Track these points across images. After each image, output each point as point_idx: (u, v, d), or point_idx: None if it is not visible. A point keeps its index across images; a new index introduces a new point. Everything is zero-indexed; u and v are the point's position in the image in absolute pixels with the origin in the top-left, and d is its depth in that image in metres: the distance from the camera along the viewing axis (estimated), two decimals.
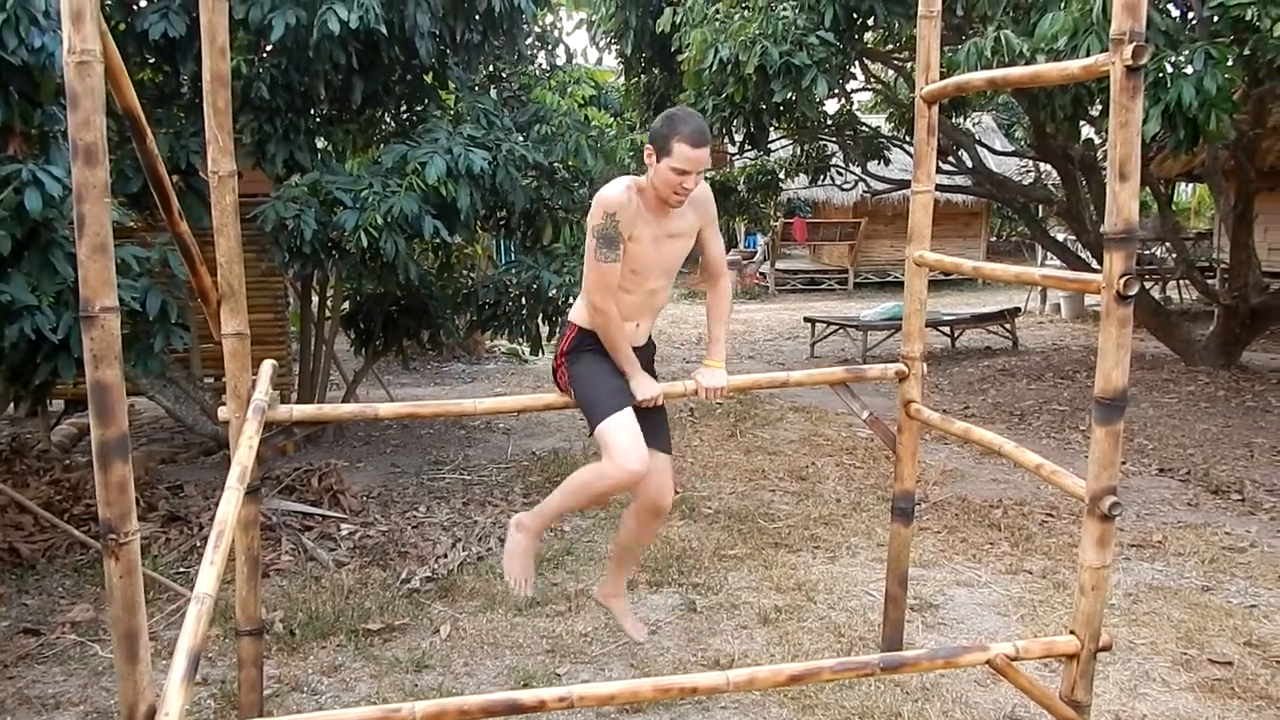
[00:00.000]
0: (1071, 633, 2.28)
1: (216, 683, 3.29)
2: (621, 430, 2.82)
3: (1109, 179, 2.08)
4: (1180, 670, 3.31)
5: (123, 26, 4.65)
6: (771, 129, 8.01)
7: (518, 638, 3.63)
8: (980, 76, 3.00)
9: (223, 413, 2.67)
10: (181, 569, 4.27)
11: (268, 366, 2.78)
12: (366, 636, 3.62)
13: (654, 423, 3.04)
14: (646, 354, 3.13)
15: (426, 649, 3.54)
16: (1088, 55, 4.30)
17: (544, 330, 6.21)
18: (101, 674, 3.35)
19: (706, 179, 11.02)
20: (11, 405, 4.85)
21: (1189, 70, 5.06)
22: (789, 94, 6.48)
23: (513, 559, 3.10)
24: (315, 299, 6.59)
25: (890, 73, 10.71)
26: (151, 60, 5.15)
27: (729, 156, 12.47)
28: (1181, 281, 12.76)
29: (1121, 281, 2.07)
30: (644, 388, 2.93)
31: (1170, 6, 5.72)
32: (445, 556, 4.40)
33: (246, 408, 2.60)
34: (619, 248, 2.83)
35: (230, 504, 2.09)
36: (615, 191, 2.83)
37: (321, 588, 4.06)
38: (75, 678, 3.35)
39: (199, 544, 4.47)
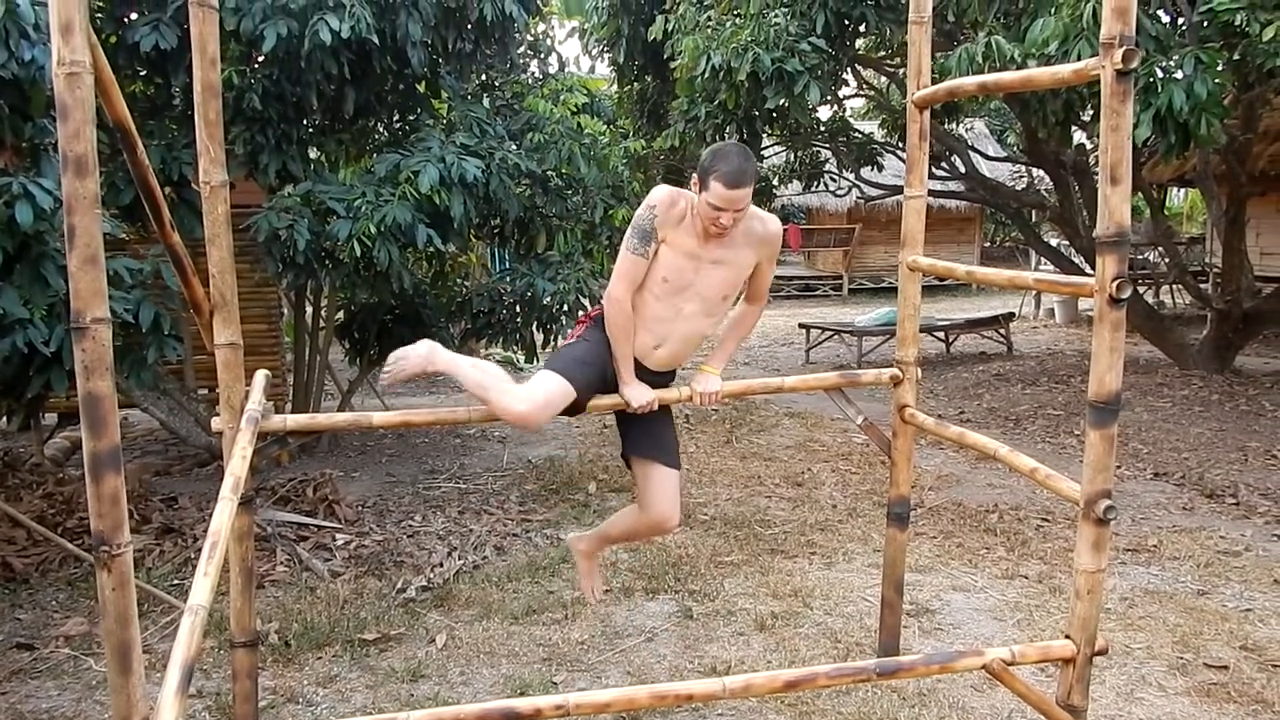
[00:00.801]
0: (1067, 637, 2.28)
1: (211, 695, 3.27)
2: (544, 386, 2.80)
3: (1100, 183, 2.09)
4: (1176, 674, 3.31)
5: (114, 39, 4.65)
6: (764, 135, 8.03)
7: (514, 646, 3.62)
8: (971, 81, 3.01)
9: (216, 423, 2.66)
10: (176, 581, 4.25)
11: (261, 376, 2.77)
12: (362, 647, 3.61)
13: (655, 434, 3.03)
14: (665, 381, 3.05)
15: (422, 659, 3.52)
16: (1079, 60, 4.32)
17: (539, 338, 6.20)
18: (95, 688, 3.33)
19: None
20: (4, 419, 4.84)
21: (1179, 75, 5.09)
22: (781, 100, 6.50)
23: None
24: (309, 309, 6.58)
25: (882, 79, 10.75)
26: (143, 73, 5.14)
27: None
28: (1174, 286, 12.80)
29: (1114, 284, 2.07)
30: (635, 394, 2.88)
31: (1160, 12, 5.75)
32: (441, 566, 4.39)
33: (240, 418, 2.59)
34: (650, 244, 2.82)
35: (224, 514, 2.08)
36: (666, 190, 2.84)
37: (317, 598, 4.05)
38: (69, 692, 3.33)
39: (193, 556, 4.45)
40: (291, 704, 3.23)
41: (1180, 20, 5.79)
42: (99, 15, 4.64)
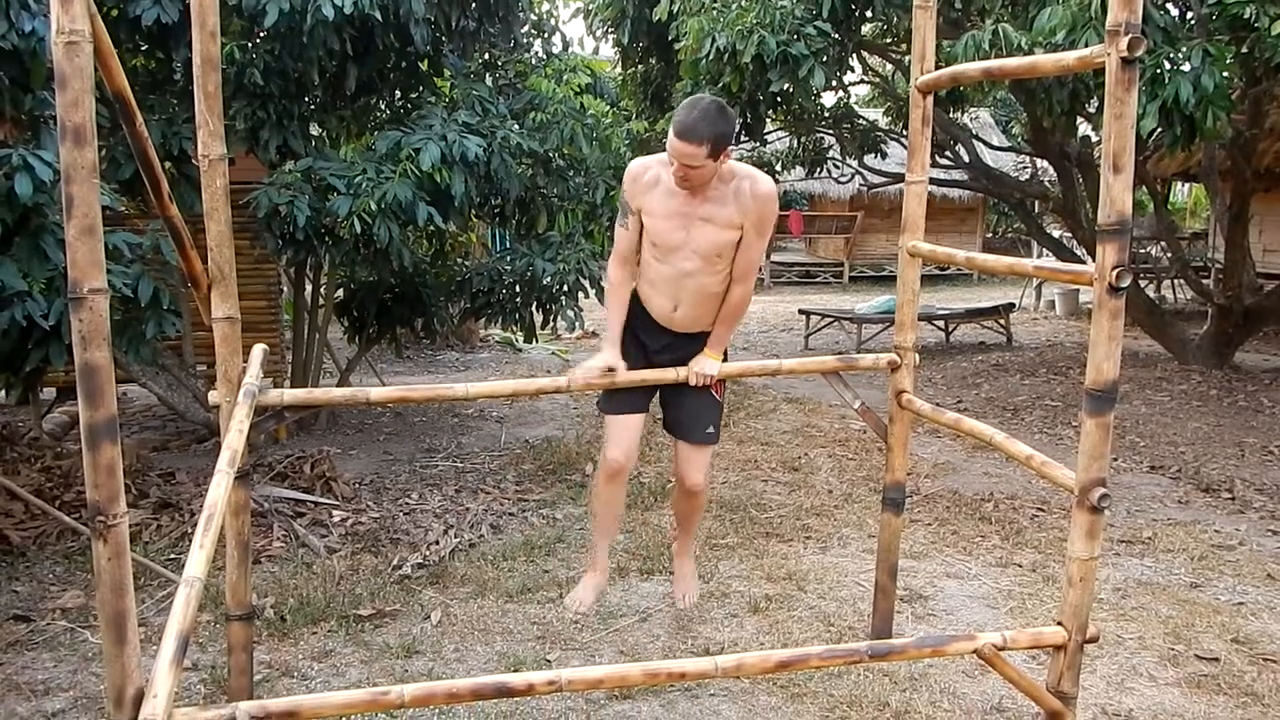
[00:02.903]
0: (1059, 624, 2.29)
1: (206, 668, 3.29)
2: (615, 424, 3.17)
3: (1103, 170, 2.08)
4: (1167, 665, 3.33)
5: (115, 13, 4.62)
6: (768, 120, 7.98)
7: (508, 624, 3.63)
8: (976, 67, 3.00)
9: (213, 397, 2.67)
10: (173, 555, 4.27)
11: (259, 351, 2.78)
12: (357, 622, 3.63)
13: (681, 412, 3.22)
14: (696, 347, 3.14)
15: (417, 635, 3.54)
16: (1080, 49, 4.31)
17: (538, 318, 6.20)
18: (91, 660, 3.35)
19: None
20: (2, 392, 4.84)
21: (1187, 68, 5.06)
22: (786, 84, 6.46)
23: (576, 592, 3.44)
24: (309, 286, 6.57)
25: (888, 66, 10.70)
26: (144, 47, 5.12)
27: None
28: (1176, 281, 12.79)
29: (1114, 273, 2.07)
30: (596, 360, 3.00)
31: (1169, 4, 5.72)
32: (437, 543, 4.40)
33: (237, 392, 2.60)
34: (627, 214, 3.03)
35: (220, 488, 2.08)
36: (635, 163, 3.02)
37: (313, 574, 4.06)
38: (65, 664, 3.34)
39: (190, 531, 4.46)
40: (286, 678, 3.24)
41: (1189, 13, 5.76)
42: None
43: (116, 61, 1.85)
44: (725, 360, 3.22)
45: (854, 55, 8.49)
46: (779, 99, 7.03)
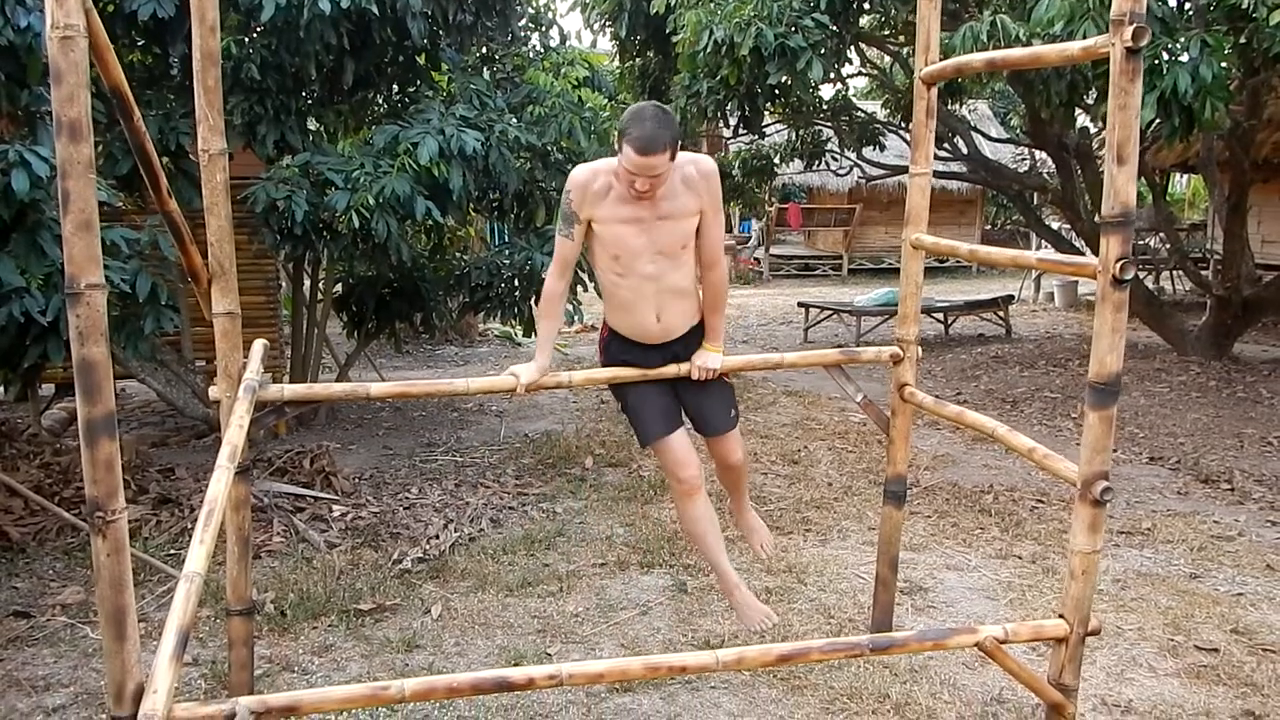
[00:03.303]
0: (1060, 617, 2.29)
1: (207, 663, 3.29)
2: (663, 450, 3.09)
3: (1107, 162, 2.07)
4: (1167, 656, 3.33)
5: (111, 8, 4.61)
6: (766, 113, 7.97)
7: (509, 618, 3.63)
8: (980, 58, 2.99)
9: (213, 392, 2.66)
10: (173, 551, 4.26)
11: (259, 346, 2.77)
12: (358, 617, 3.63)
13: (700, 412, 3.17)
14: (693, 345, 3.07)
15: (418, 629, 3.54)
16: (1084, 40, 4.30)
17: (536, 312, 6.18)
18: (92, 655, 3.34)
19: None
20: (1, 389, 4.83)
21: (1185, 58, 5.05)
22: (784, 77, 6.44)
23: (746, 615, 3.18)
24: (307, 281, 6.56)
25: (886, 58, 10.68)
26: (140, 42, 5.10)
27: (723, 140, 12.43)
28: (1175, 272, 12.78)
29: (1117, 265, 2.06)
30: (526, 372, 2.90)
31: None
32: (437, 538, 4.40)
33: (237, 387, 2.59)
34: (572, 225, 2.87)
35: (220, 483, 2.08)
36: (579, 170, 2.87)
37: (313, 569, 4.06)
38: (65, 660, 3.34)
39: (190, 526, 4.46)
40: (287, 672, 3.24)
41: (1187, 3, 5.75)
42: None
43: (113, 56, 1.84)
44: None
45: (852, 47, 8.46)
46: (777, 91, 7.01)
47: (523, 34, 6.48)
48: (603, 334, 3.11)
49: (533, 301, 6.08)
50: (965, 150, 9.93)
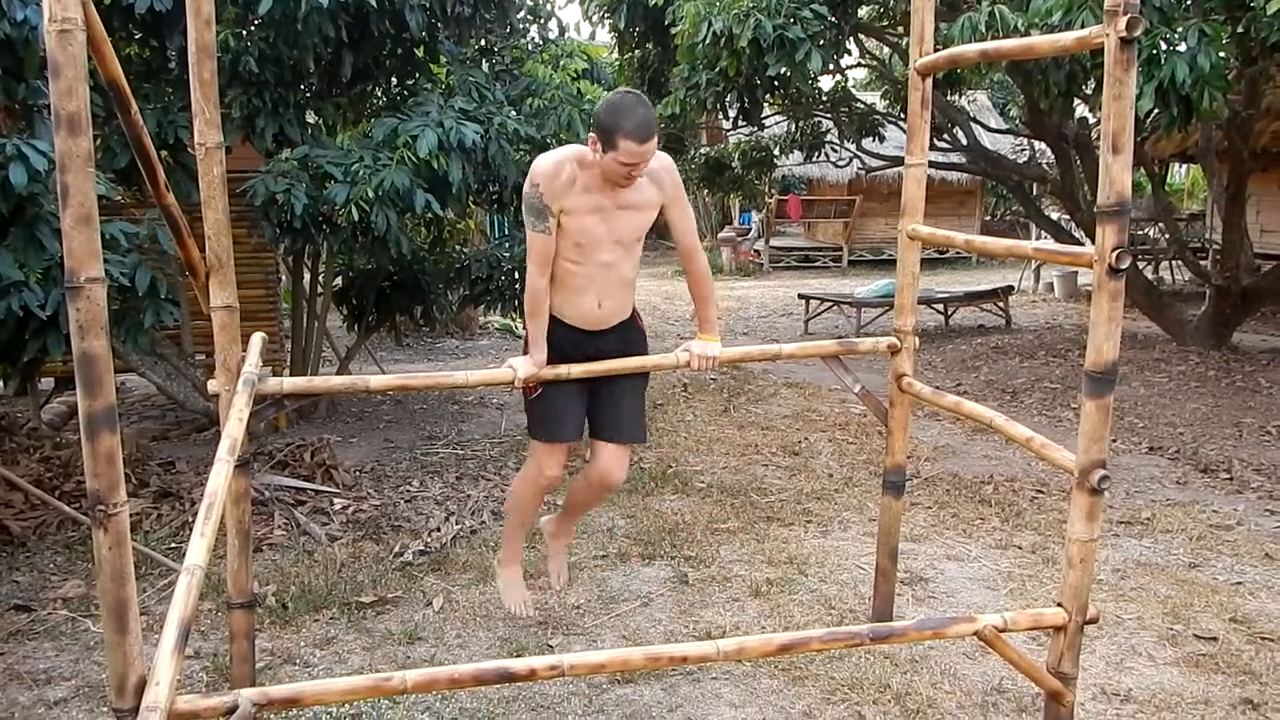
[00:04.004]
0: (1059, 605, 2.30)
1: (208, 656, 3.30)
2: (551, 452, 3.16)
3: (1102, 151, 2.08)
4: (1166, 645, 3.34)
5: (108, 1, 4.60)
6: (765, 104, 7.96)
7: (527, 597, 3.63)
8: (974, 49, 2.99)
9: (212, 386, 2.67)
10: (173, 545, 4.27)
11: (258, 339, 2.78)
12: (359, 609, 3.64)
13: (613, 413, 3.14)
14: (622, 338, 3.11)
15: (419, 621, 3.55)
16: (1079, 30, 4.30)
17: None
18: (93, 649, 3.35)
19: (701, 155, 10.91)
20: (1, 383, 4.83)
21: (1183, 48, 5.04)
22: (783, 68, 6.44)
23: (508, 593, 3.43)
24: (307, 275, 6.56)
25: (885, 49, 10.67)
26: (138, 35, 5.10)
27: (723, 132, 12.42)
28: (1174, 262, 12.78)
29: (1114, 254, 2.07)
30: (524, 366, 2.95)
31: None
32: (438, 530, 4.41)
33: (236, 381, 2.59)
34: (546, 219, 2.86)
35: (220, 476, 2.09)
36: (544, 163, 2.85)
37: (314, 561, 4.07)
38: (67, 653, 3.35)
39: (191, 519, 4.46)
40: (289, 665, 3.25)
41: None
42: None
43: (110, 49, 1.84)
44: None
45: (851, 38, 8.46)
46: (776, 83, 7.01)
47: (521, 26, 6.47)
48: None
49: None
50: (964, 141, 9.92)
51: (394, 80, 5.91)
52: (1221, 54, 5.04)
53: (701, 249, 3.16)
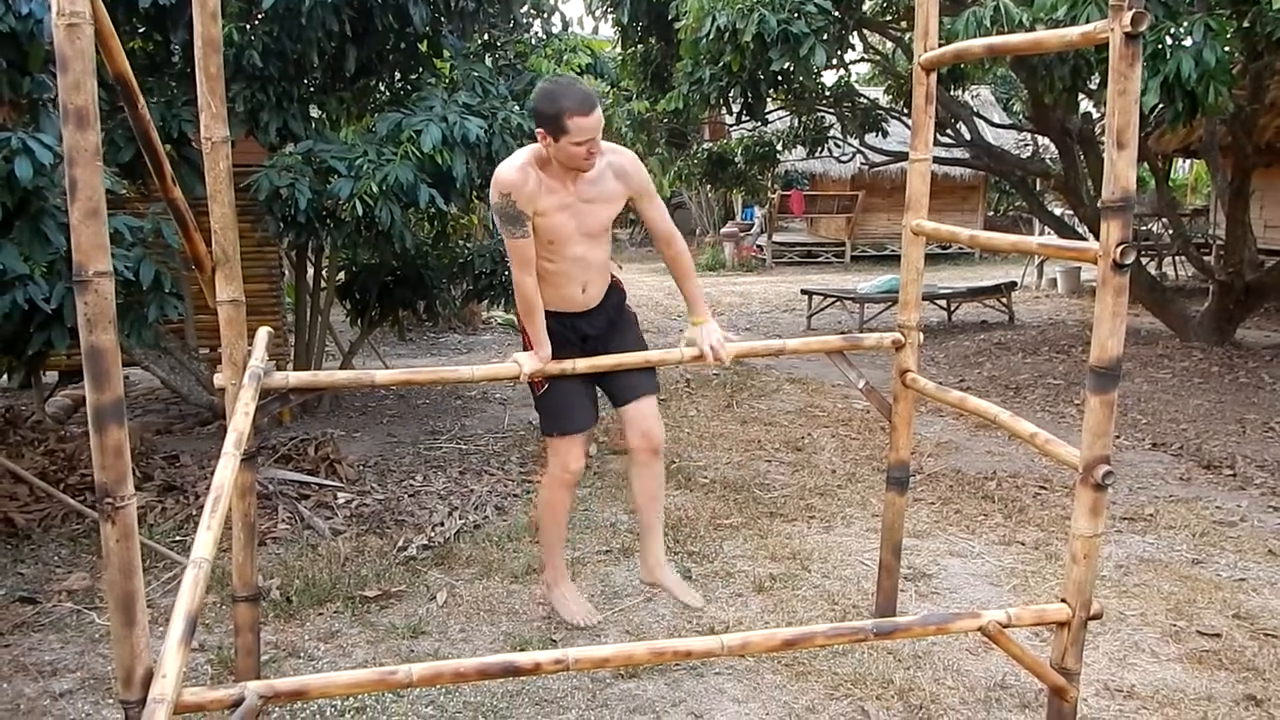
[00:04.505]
0: (1063, 601, 2.30)
1: (213, 649, 3.31)
2: (568, 444, 3.20)
3: (1107, 147, 2.08)
4: (1169, 641, 3.34)
5: None
6: (769, 99, 7.96)
7: (514, 604, 3.65)
8: (979, 44, 2.98)
9: (218, 380, 2.67)
10: (178, 538, 4.28)
11: (263, 333, 2.78)
12: (363, 603, 3.64)
13: (626, 374, 3.17)
14: (609, 310, 3.21)
15: (423, 615, 3.56)
16: (1084, 25, 4.30)
17: None
18: (98, 641, 3.36)
19: (704, 150, 10.92)
20: (5, 376, 4.84)
21: (1188, 42, 5.04)
22: (786, 63, 6.43)
23: (565, 608, 3.42)
24: (310, 270, 6.57)
25: (888, 44, 10.65)
26: (141, 29, 5.09)
27: (726, 127, 12.40)
28: (1177, 257, 12.76)
29: (1118, 250, 2.06)
30: (529, 361, 2.99)
31: None
32: (442, 525, 4.42)
33: (242, 375, 2.60)
34: (525, 224, 2.92)
35: (227, 470, 2.09)
36: (509, 172, 2.90)
37: (318, 555, 4.08)
38: (72, 645, 3.36)
39: (195, 513, 4.48)
40: (293, 658, 3.26)
41: None
42: None
43: (117, 43, 1.84)
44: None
45: (854, 33, 8.45)
46: (780, 78, 7.01)
47: (525, 20, 6.47)
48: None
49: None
50: (968, 136, 9.91)
51: (397, 75, 5.90)
52: (1227, 49, 5.04)
53: (677, 232, 3.20)
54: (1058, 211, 12.83)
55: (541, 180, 2.91)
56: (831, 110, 10.42)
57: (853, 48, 9.02)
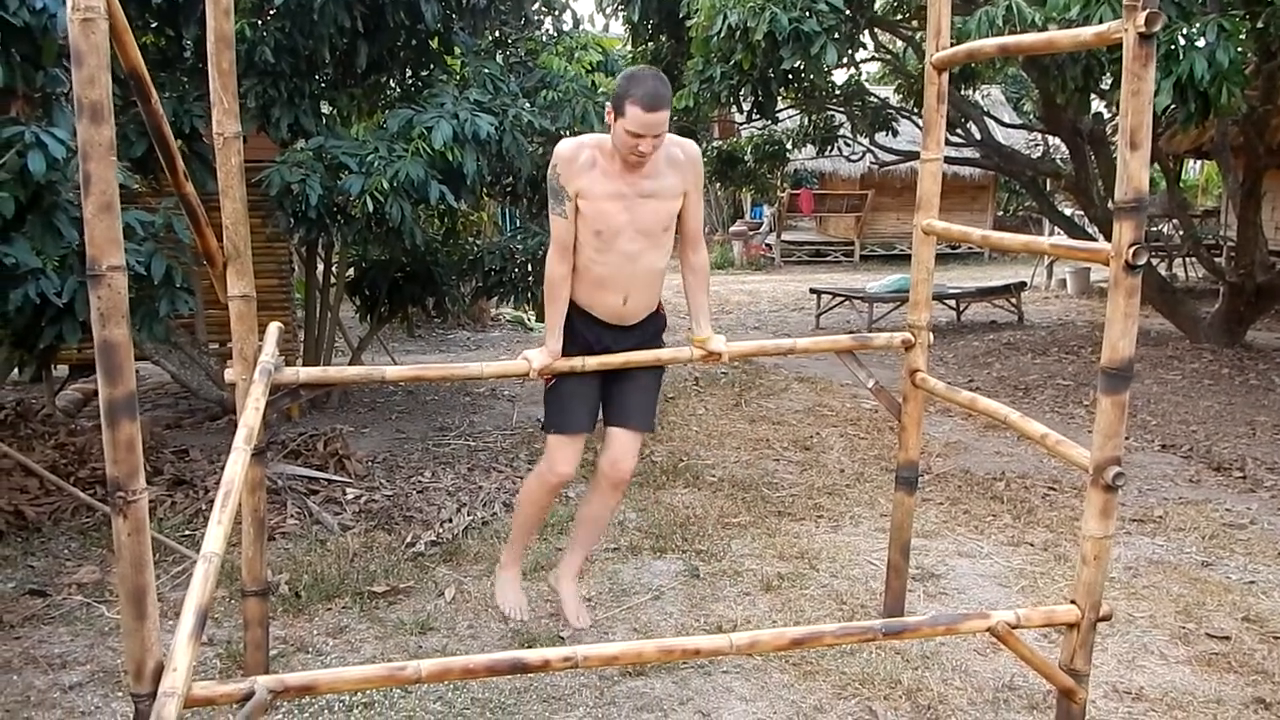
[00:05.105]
0: (1072, 602, 2.29)
1: (222, 643, 3.32)
2: (564, 444, 3.13)
3: (1119, 147, 2.07)
4: (1178, 644, 3.33)
5: None
6: (779, 98, 7.95)
7: (522, 601, 3.64)
8: (992, 43, 2.98)
9: (229, 375, 2.68)
10: (188, 532, 4.30)
11: (274, 329, 2.79)
12: (372, 599, 3.65)
13: (624, 400, 3.14)
14: (644, 336, 3.11)
15: (431, 611, 3.56)
16: (1098, 25, 4.28)
17: None
18: (108, 634, 3.38)
19: (714, 148, 10.91)
20: (16, 370, 4.86)
21: (1201, 43, 5.02)
22: (797, 61, 6.42)
23: (503, 593, 3.41)
24: (320, 265, 6.58)
25: (899, 43, 10.63)
26: (154, 24, 5.11)
27: (736, 126, 12.39)
28: (1188, 259, 12.71)
29: (1130, 251, 2.06)
30: (538, 358, 2.97)
31: None
32: (450, 521, 4.42)
33: (253, 370, 2.61)
34: (564, 201, 2.87)
35: (237, 465, 2.10)
36: (566, 145, 2.87)
37: (327, 551, 4.09)
38: (82, 638, 3.38)
39: (205, 508, 4.49)
40: (301, 653, 3.27)
41: None
42: None
43: (131, 37, 1.85)
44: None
45: (865, 32, 8.43)
46: (790, 76, 7.00)
47: (536, 18, 6.47)
48: None
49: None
50: (978, 136, 9.89)
51: (409, 71, 5.91)
52: (1240, 49, 5.01)
53: (704, 241, 3.17)
54: (1068, 212, 12.80)
55: (597, 162, 2.83)
56: (842, 109, 10.41)
57: (864, 46, 9.00)
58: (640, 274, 2.98)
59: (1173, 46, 4.97)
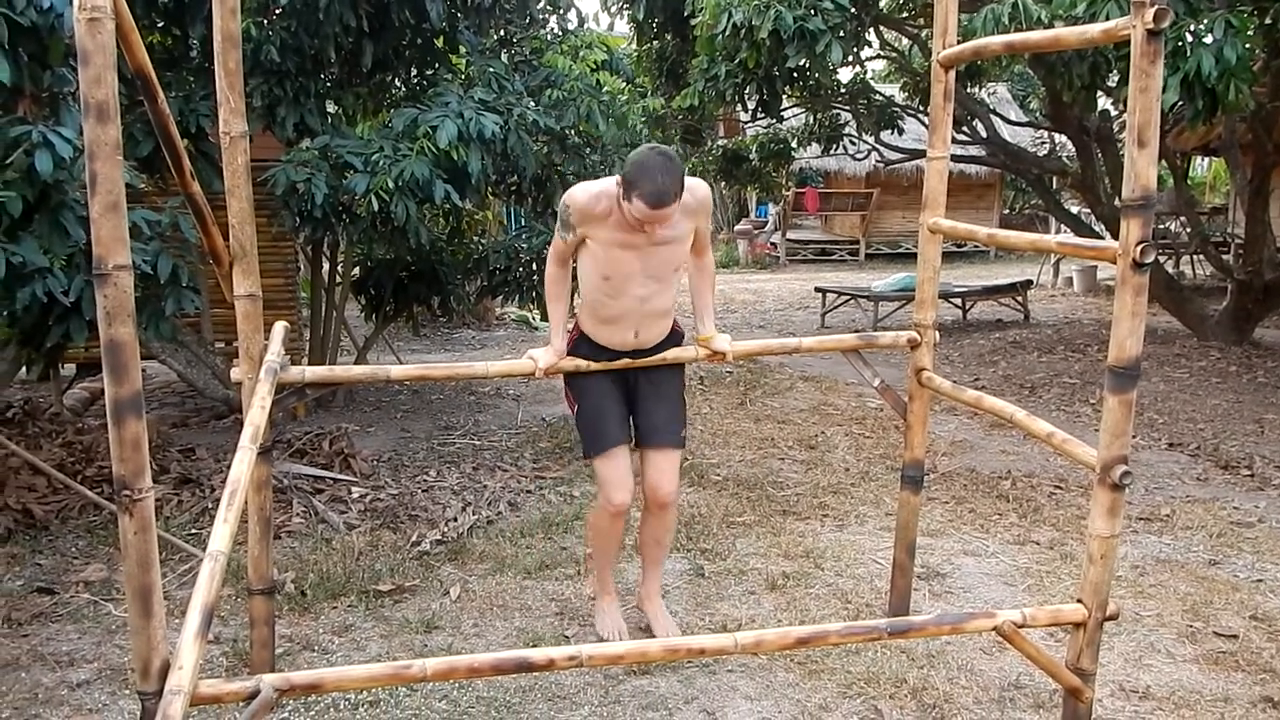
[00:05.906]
0: (1079, 601, 2.29)
1: (228, 641, 3.32)
2: (608, 465, 3.10)
3: (1127, 145, 2.06)
4: (1185, 642, 3.32)
5: None
6: (784, 96, 7.94)
7: (527, 600, 3.65)
8: (998, 41, 2.96)
9: (235, 374, 2.68)
10: (194, 531, 4.31)
11: (280, 328, 2.79)
12: (377, 598, 3.66)
13: (650, 416, 3.14)
14: (662, 350, 3.12)
15: (436, 610, 3.57)
16: (1105, 22, 4.26)
17: None
18: (115, 632, 3.39)
19: (719, 146, 10.86)
20: (24, 368, 4.87)
21: (1209, 40, 5.00)
22: (802, 60, 6.42)
23: (600, 621, 3.38)
24: (326, 264, 6.58)
25: (905, 41, 10.61)
26: (160, 24, 5.12)
27: (741, 124, 12.38)
28: (1195, 256, 12.68)
29: (1138, 249, 2.05)
30: (544, 356, 3.00)
31: None
32: (455, 520, 4.42)
33: (259, 369, 2.61)
34: (569, 232, 2.94)
35: (243, 463, 2.10)
36: (583, 191, 2.88)
37: (332, 549, 4.09)
38: (89, 636, 3.39)
39: (211, 506, 4.50)
40: (307, 651, 3.27)
41: None
42: None
43: (137, 37, 1.85)
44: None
45: (871, 30, 8.42)
46: (795, 75, 6.99)
47: (541, 17, 6.46)
48: (573, 334, 3.13)
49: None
50: (984, 134, 9.87)
51: (414, 70, 5.91)
52: (1247, 46, 4.99)
53: (710, 249, 3.18)
54: (1074, 210, 12.77)
55: (613, 213, 2.82)
56: (847, 107, 10.40)
57: (869, 44, 8.99)
58: (649, 312, 3.01)
59: (1180, 43, 4.96)
